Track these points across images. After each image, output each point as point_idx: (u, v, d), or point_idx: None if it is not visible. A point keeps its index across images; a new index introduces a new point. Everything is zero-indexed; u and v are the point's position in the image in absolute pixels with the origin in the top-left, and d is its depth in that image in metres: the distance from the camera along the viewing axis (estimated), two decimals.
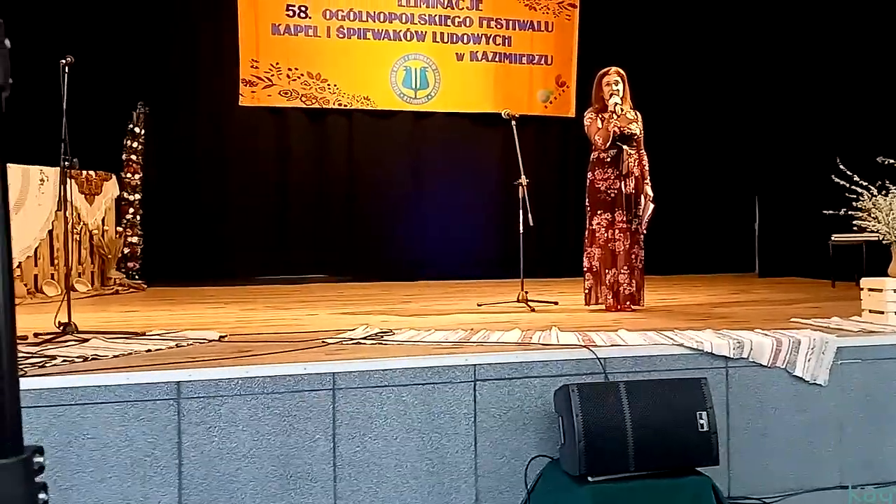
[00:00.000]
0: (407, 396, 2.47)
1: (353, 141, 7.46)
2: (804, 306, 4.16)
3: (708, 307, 4.38)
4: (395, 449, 2.44)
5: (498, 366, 2.56)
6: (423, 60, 7.54)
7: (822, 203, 3.48)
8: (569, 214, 7.59)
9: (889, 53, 6.05)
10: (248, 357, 2.54)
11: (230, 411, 2.32)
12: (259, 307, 4.64)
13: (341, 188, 7.40)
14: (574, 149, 7.69)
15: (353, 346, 2.79)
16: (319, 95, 7.28)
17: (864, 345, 2.82)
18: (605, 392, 2.35)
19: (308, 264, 7.19)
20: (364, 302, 4.94)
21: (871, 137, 5.38)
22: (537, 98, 7.87)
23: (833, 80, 6.70)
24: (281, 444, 2.35)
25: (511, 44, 7.77)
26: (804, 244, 6.53)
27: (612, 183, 4.19)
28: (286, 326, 3.51)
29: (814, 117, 6.91)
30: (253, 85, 7.11)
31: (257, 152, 7.22)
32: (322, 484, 2.37)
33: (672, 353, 2.69)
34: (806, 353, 2.72)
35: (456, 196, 7.52)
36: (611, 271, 4.17)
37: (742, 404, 2.70)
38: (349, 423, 2.41)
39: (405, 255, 7.41)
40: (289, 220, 7.28)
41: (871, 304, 3.27)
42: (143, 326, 3.44)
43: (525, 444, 2.55)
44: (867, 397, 2.80)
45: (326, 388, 2.41)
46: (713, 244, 8.09)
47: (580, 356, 2.64)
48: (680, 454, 2.32)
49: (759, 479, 2.70)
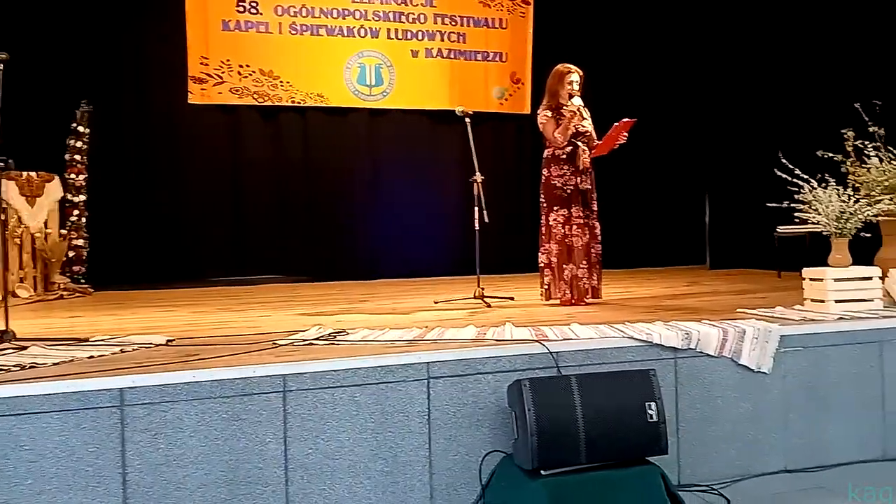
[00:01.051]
0: (360, 396, 2.45)
1: (308, 139, 7.37)
2: (751, 297, 4.27)
3: (660, 299, 4.46)
4: (349, 450, 2.42)
5: (451, 363, 2.56)
6: (377, 57, 7.49)
7: (768, 196, 3.57)
8: (525, 211, 7.64)
9: (828, 52, 6.24)
10: (196, 361, 2.48)
11: (176, 417, 2.26)
12: (210, 309, 4.55)
13: (297, 187, 7.31)
14: (530, 146, 7.76)
15: (305, 347, 2.75)
16: (272, 93, 7.17)
17: (806, 333, 2.90)
18: (557, 386, 2.37)
19: (263, 265, 7.09)
20: (320, 302, 4.89)
21: (812, 132, 5.55)
22: (493, 95, 7.90)
23: (777, 76, 6.89)
24: (230, 448, 2.31)
25: (466, 41, 7.78)
26: (752, 236, 6.71)
27: (567, 179, 4.22)
28: (237, 329, 3.45)
29: (759, 112, 7.10)
30: (203, 82, 6.96)
31: (209, 151, 7.08)
32: (273, 487, 2.34)
33: (622, 346, 2.73)
34: (751, 343, 2.79)
35: (413, 194, 7.50)
36: (568, 266, 4.21)
37: (690, 394, 2.75)
38: (301, 426, 2.38)
39: (362, 254, 7.36)
40: (243, 219, 7.15)
41: (812, 294, 3.37)
42: (87, 332, 3.34)
43: (479, 439, 2.55)
44: (809, 383, 2.89)
45: (277, 391, 2.37)
46: (667, 238, 8.26)
47: (533, 351, 2.65)
48: (630, 445, 2.35)
49: (708, 466, 2.76)
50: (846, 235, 3.35)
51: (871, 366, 2.98)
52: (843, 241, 3.36)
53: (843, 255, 3.36)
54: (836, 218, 3.33)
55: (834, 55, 6.18)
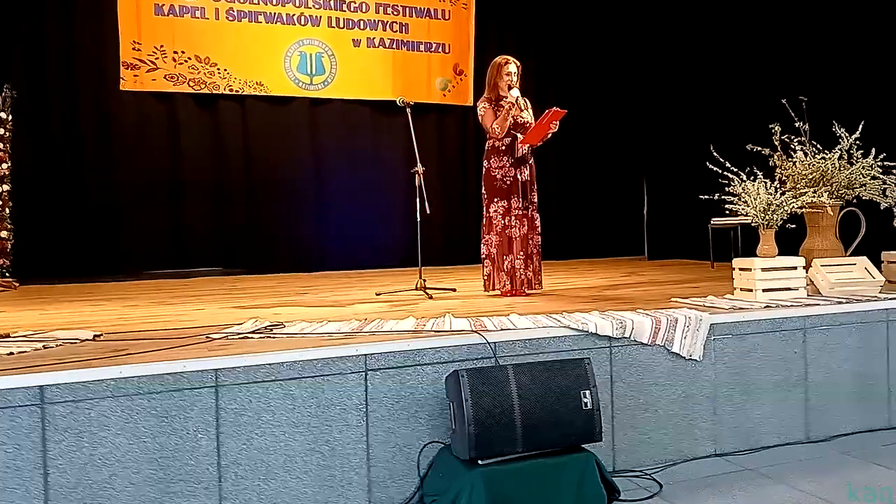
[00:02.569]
0: (295, 390, 2.41)
1: (247, 128, 7.21)
2: (684, 286, 4.40)
3: (599, 290, 4.54)
4: (284, 444, 2.38)
5: (389, 354, 2.54)
6: (318, 46, 7.37)
7: (702, 188, 3.67)
8: (469, 202, 7.68)
9: (759, 49, 6.46)
10: (123, 356, 2.39)
11: (101, 414, 2.18)
12: (142, 303, 4.40)
13: (235, 176, 7.14)
14: (472, 137, 7.80)
15: (239, 341, 2.69)
16: (209, 80, 6.97)
17: (735, 321, 3.00)
18: (494, 376, 2.38)
19: (200, 257, 6.91)
20: (257, 295, 4.79)
21: (742, 126, 5.74)
22: (435, 86, 7.88)
23: (711, 70, 7.10)
24: (160, 445, 2.24)
25: (408, 31, 7.74)
26: (688, 228, 6.91)
27: (507, 171, 4.24)
28: (169, 323, 3.34)
29: (693, 106, 7.31)
30: (135, 68, 6.71)
31: (143, 139, 6.84)
32: (206, 485, 2.28)
33: (559, 336, 2.76)
34: (682, 331, 2.87)
35: (355, 185, 7.43)
36: (508, 257, 4.23)
37: (625, 381, 2.81)
38: (234, 421, 2.33)
39: (302, 245, 7.26)
40: (179, 210, 6.94)
41: (741, 283, 3.49)
42: (9, 328, 3.18)
43: (417, 431, 2.55)
44: (737, 370, 2.99)
45: (209, 386, 2.31)
46: (608, 230, 8.44)
47: (472, 342, 2.66)
48: (566, 433, 2.38)
49: (642, 452, 2.83)
50: (773, 227, 3.47)
51: (794, 352, 3.10)
52: (770, 232, 3.48)
53: (770, 246, 3.48)
54: (763, 210, 3.44)
55: (764, 52, 6.41)
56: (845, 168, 3.72)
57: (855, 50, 5.51)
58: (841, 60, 5.62)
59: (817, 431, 3.13)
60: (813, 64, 5.81)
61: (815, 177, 3.74)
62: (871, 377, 3.23)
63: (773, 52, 6.29)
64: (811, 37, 5.93)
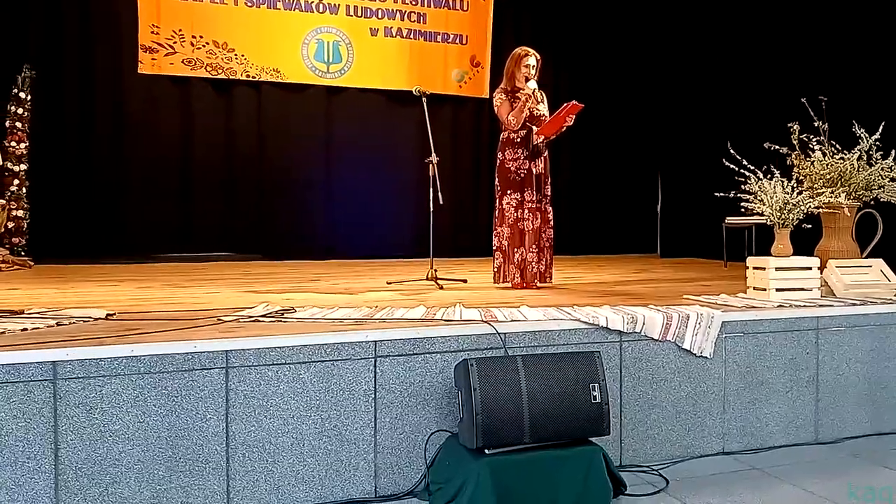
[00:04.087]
0: (305, 374, 2.42)
1: (263, 114, 7.23)
2: (697, 284, 4.37)
3: (610, 285, 4.52)
4: (292, 427, 2.39)
5: (399, 342, 2.55)
6: (335, 34, 7.37)
7: (718, 186, 3.64)
8: (482, 194, 7.67)
9: (780, 48, 6.40)
10: (136, 335, 2.41)
11: (113, 392, 2.20)
12: (156, 285, 4.43)
13: (250, 163, 7.17)
14: (487, 129, 7.78)
15: (250, 324, 2.70)
16: (226, 66, 7.00)
17: (746, 319, 2.98)
18: (503, 366, 2.37)
19: (213, 242, 6.94)
20: (270, 280, 4.81)
21: (760, 124, 5.68)
22: (452, 77, 7.86)
23: (730, 68, 7.03)
24: (169, 424, 2.26)
25: (426, 21, 7.72)
26: (702, 226, 6.86)
27: (521, 163, 4.23)
28: (182, 305, 3.36)
29: (711, 104, 7.25)
30: (153, 52, 6.74)
31: (159, 123, 6.88)
32: (213, 465, 2.30)
33: (570, 328, 2.75)
34: (694, 328, 2.85)
35: (369, 174, 7.44)
36: (519, 250, 4.22)
37: (634, 376, 2.80)
38: (243, 403, 2.34)
39: (316, 233, 7.28)
40: (193, 194, 6.98)
41: (755, 282, 3.46)
42: (23, 305, 3.21)
43: (425, 419, 2.55)
44: (748, 368, 2.97)
45: (219, 367, 2.32)
46: (620, 226, 8.41)
47: (481, 331, 2.66)
48: (573, 425, 2.37)
49: (649, 447, 2.82)
50: (788, 226, 3.44)
51: (807, 352, 3.08)
52: (786, 231, 3.45)
53: (785, 246, 3.45)
54: (779, 209, 3.41)
55: (785, 50, 6.34)
56: (864, 169, 3.67)
57: (876, 50, 5.44)
58: (862, 61, 5.55)
59: (826, 433, 3.10)
60: (834, 63, 5.75)
61: (832, 177, 3.70)
62: (883, 381, 3.20)
63: (793, 51, 6.23)
64: (833, 36, 5.86)
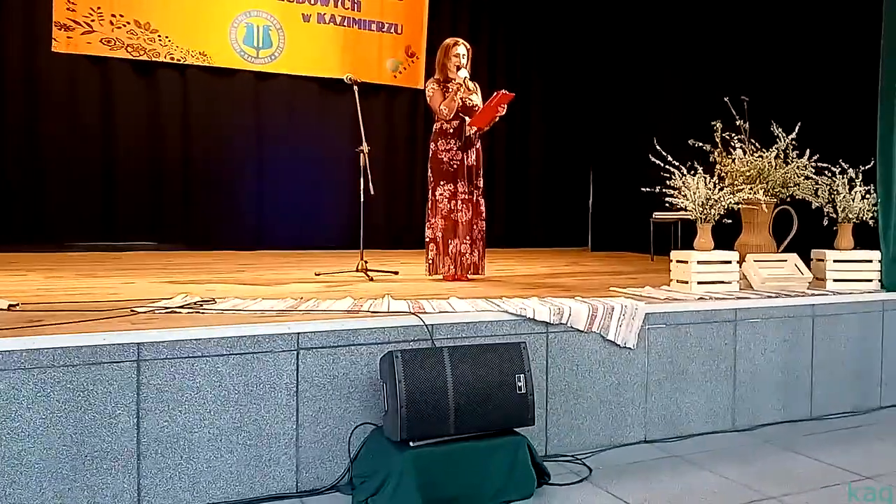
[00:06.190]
0: (223, 367, 2.32)
1: (188, 99, 6.96)
2: (624, 277, 4.46)
3: (540, 277, 4.56)
4: (209, 422, 2.29)
5: (323, 334, 2.48)
6: (266, 18, 7.16)
7: (646, 182, 3.71)
8: (416, 185, 7.63)
9: (705, 47, 6.60)
10: (39, 327, 2.26)
11: (11, 388, 2.05)
12: (69, 275, 4.19)
13: (174, 148, 6.89)
14: (422, 121, 7.73)
15: (165, 316, 2.57)
16: (149, 47, 6.69)
17: (669, 311, 3.05)
18: (429, 357, 2.34)
19: (134, 231, 6.65)
20: (192, 271, 4.63)
21: (686, 121, 5.86)
22: (387, 67, 7.77)
23: (658, 64, 7.22)
24: (75, 421, 2.12)
25: (360, 9, 7.60)
26: (631, 221, 7.03)
27: (454, 154, 4.21)
28: (95, 296, 3.19)
29: (639, 101, 7.42)
30: (69, 29, 6.38)
31: (75, 104, 6.53)
32: (123, 462, 2.18)
33: (497, 320, 2.75)
34: (618, 319, 2.89)
35: (300, 162, 7.28)
36: (453, 242, 4.21)
37: (560, 367, 2.82)
38: (156, 397, 2.23)
39: (243, 222, 7.08)
40: (113, 180, 6.67)
41: (678, 275, 3.55)
42: None
43: (350, 412, 2.50)
44: (669, 359, 3.05)
45: (130, 360, 2.20)
46: (553, 220, 8.53)
47: (409, 323, 2.62)
48: (499, 416, 2.37)
49: (574, 437, 2.85)
50: (710, 221, 3.55)
51: (725, 343, 3.18)
52: (708, 226, 3.55)
53: (706, 240, 3.55)
54: (701, 204, 3.51)
55: (710, 50, 6.54)
56: (781, 167, 3.82)
57: (796, 53, 5.67)
58: (782, 63, 5.78)
59: (743, 421, 3.22)
60: (755, 65, 5.96)
61: (752, 174, 3.83)
62: (795, 370, 3.35)
63: (718, 52, 6.43)
64: (755, 38, 6.08)
